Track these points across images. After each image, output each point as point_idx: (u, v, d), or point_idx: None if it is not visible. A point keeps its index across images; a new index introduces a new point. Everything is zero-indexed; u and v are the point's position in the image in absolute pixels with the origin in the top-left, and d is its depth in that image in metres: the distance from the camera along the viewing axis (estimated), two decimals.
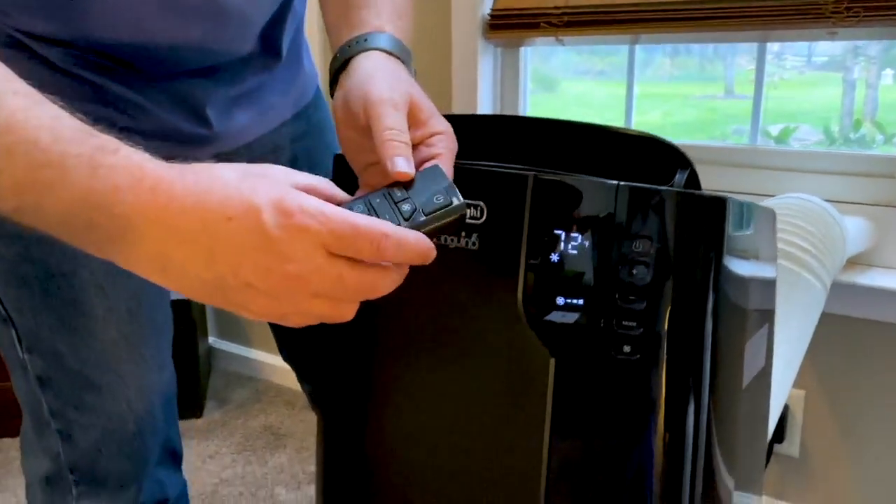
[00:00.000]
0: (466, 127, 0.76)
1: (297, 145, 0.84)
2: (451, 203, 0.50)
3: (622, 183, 0.58)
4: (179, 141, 0.73)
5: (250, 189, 0.44)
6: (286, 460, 1.69)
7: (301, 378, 0.99)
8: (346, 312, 0.47)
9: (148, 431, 0.78)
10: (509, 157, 0.69)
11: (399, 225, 0.48)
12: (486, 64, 1.56)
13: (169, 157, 0.44)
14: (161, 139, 0.72)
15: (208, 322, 2.18)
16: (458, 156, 0.70)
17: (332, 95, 0.63)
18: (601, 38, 1.47)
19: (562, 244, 0.60)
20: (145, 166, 0.43)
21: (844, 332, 1.26)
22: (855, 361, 1.27)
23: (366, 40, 0.61)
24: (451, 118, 0.78)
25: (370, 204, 0.50)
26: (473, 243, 0.63)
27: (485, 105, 1.57)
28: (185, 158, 0.44)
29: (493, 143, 0.72)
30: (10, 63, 0.44)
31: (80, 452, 0.76)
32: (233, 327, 2.16)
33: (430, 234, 0.49)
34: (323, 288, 0.45)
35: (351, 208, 0.48)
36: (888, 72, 1.40)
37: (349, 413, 0.77)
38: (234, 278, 0.43)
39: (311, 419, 1.81)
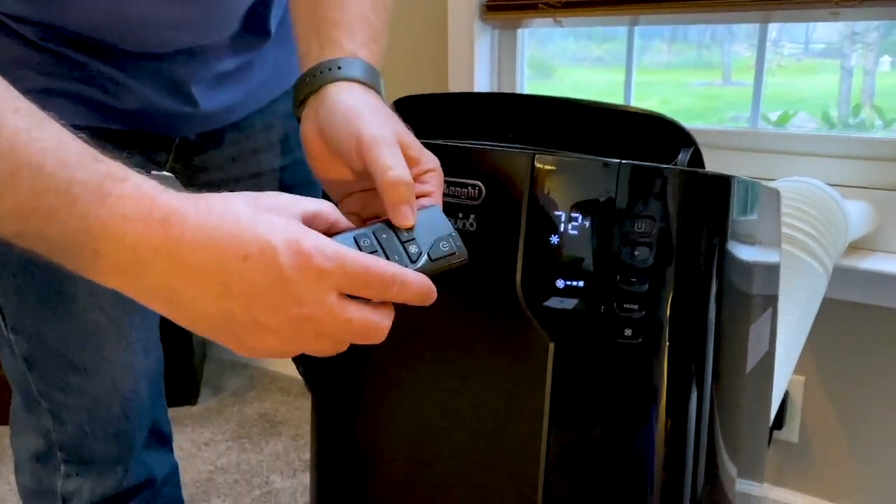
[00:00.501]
0: (465, 105, 0.75)
1: (290, 123, 0.83)
2: (455, 252, 0.52)
3: (624, 161, 0.56)
4: (165, 120, 0.71)
5: (267, 227, 0.43)
6: (281, 447, 1.68)
7: (296, 360, 0.98)
8: (343, 349, 0.48)
9: (134, 414, 0.78)
10: (508, 135, 0.68)
11: (406, 266, 0.49)
12: (482, 46, 1.54)
13: (155, 139, 0.42)
14: (145, 118, 0.70)
15: None
16: (457, 134, 0.68)
17: (297, 116, 0.61)
18: (600, 19, 1.45)
19: (562, 225, 0.58)
20: (156, 197, 0.42)
21: (845, 317, 1.24)
22: (855, 347, 1.26)
23: (339, 68, 0.58)
24: (449, 96, 0.76)
25: (378, 239, 0.50)
26: (471, 224, 0.62)
27: (481, 88, 1.55)
28: (172, 137, 0.42)
29: (491, 121, 0.70)
30: None
31: (68, 433, 0.76)
32: None
33: (437, 273, 0.51)
34: (330, 330, 0.45)
35: (358, 240, 0.49)
36: (886, 59, 1.39)
37: (344, 397, 0.75)
38: (244, 314, 0.43)
39: (306, 406, 1.80)
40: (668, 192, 0.56)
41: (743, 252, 0.61)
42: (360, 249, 0.48)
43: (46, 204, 0.40)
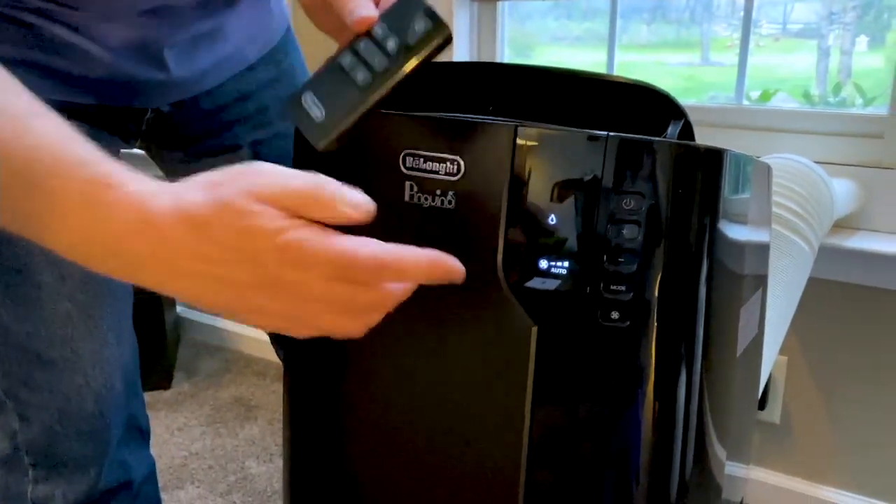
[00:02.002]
0: (442, 75, 0.71)
1: (266, 92, 0.79)
2: (433, 28, 0.51)
3: (611, 134, 0.53)
4: (136, 88, 0.67)
5: (250, 219, 0.42)
6: (257, 432, 1.65)
7: (275, 341, 0.94)
8: (351, 328, 0.47)
9: (109, 410, 0.73)
10: (489, 107, 0.64)
11: (389, 65, 0.51)
12: (461, 21, 1.49)
13: (125, 113, 0.40)
14: (115, 88, 0.66)
15: None
16: (435, 106, 0.64)
17: None
18: None
19: (545, 202, 0.55)
20: (149, 196, 0.42)
21: (828, 296, 1.23)
22: (838, 327, 1.24)
23: None
24: (432, 66, 0.73)
25: (356, 52, 0.51)
26: (449, 202, 0.58)
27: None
28: (143, 108, 0.41)
29: (471, 92, 0.67)
30: None
31: (36, 433, 0.70)
32: None
33: (423, 63, 0.51)
34: (332, 307, 0.45)
35: (340, 62, 0.51)
36: (862, 38, 1.38)
37: (320, 379, 0.72)
38: (242, 306, 0.44)
39: (282, 390, 1.76)
40: (658, 166, 0.53)
41: (734, 230, 0.59)
42: (344, 70, 0.51)
43: (37, 210, 0.41)
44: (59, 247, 0.42)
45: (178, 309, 2.13)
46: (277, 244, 0.42)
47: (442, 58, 0.53)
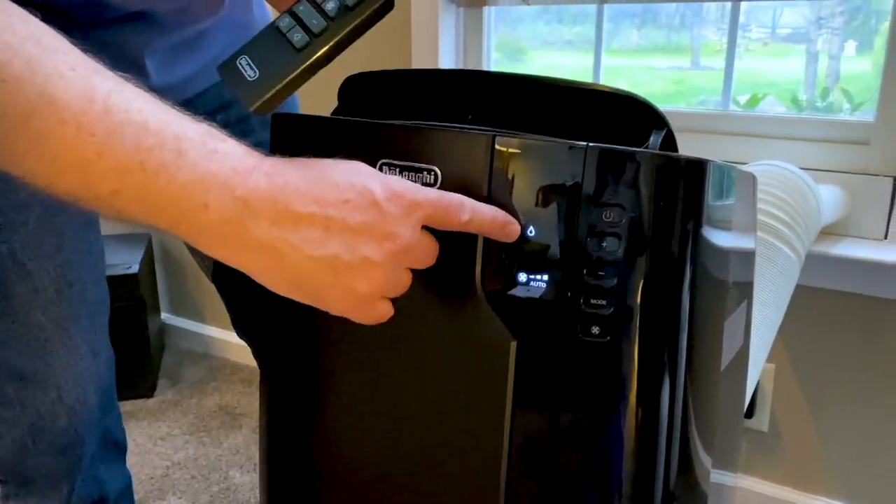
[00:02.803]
0: (421, 83, 0.70)
1: None
2: None
3: (591, 144, 0.51)
4: None
5: (356, 173, 0.47)
6: (241, 441, 1.63)
7: (257, 354, 0.93)
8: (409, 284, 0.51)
9: (82, 425, 0.71)
10: (468, 116, 0.63)
11: (327, 26, 0.50)
12: (447, 26, 1.48)
13: None
14: None
15: (160, 298, 2.09)
16: (412, 114, 0.63)
17: None
18: None
19: (524, 214, 0.53)
20: (256, 153, 0.45)
21: (816, 304, 1.22)
22: (826, 334, 1.24)
23: None
24: (404, 73, 0.71)
25: (294, 14, 0.51)
26: None
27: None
28: None
29: (450, 100, 0.65)
30: None
31: (6, 449, 0.69)
32: (186, 303, 2.08)
33: (363, 27, 0.52)
34: (418, 259, 0.50)
35: (277, 24, 0.51)
36: (850, 43, 1.38)
37: (296, 392, 0.70)
38: (350, 255, 0.45)
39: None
40: (640, 177, 0.51)
41: (718, 241, 0.57)
42: (281, 32, 0.51)
43: (155, 158, 0.41)
44: (176, 191, 0.42)
45: (163, 315, 2.11)
46: (387, 188, 0.47)
47: (426, 64, 0.52)
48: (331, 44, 0.51)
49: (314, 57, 0.51)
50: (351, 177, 0.46)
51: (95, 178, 0.41)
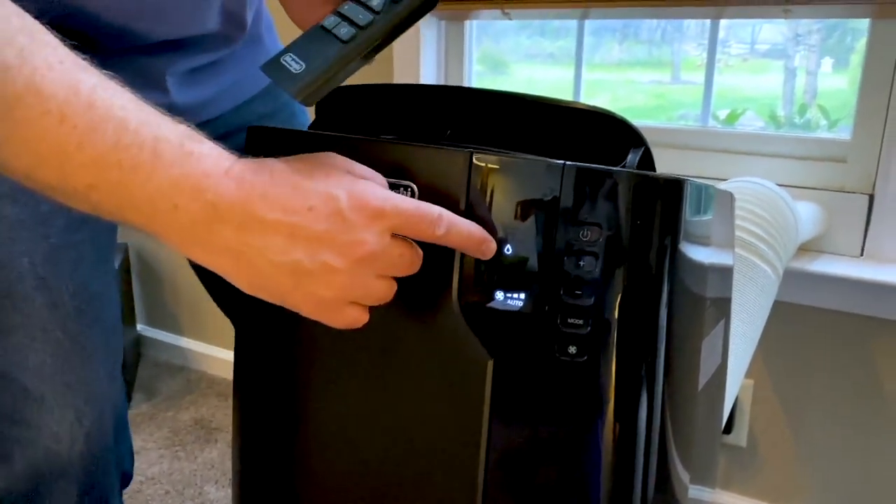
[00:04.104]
0: (399, 98, 0.69)
1: (266, 124, 0.79)
2: None
3: (568, 163, 0.51)
4: None
5: (323, 179, 0.47)
6: (217, 455, 1.60)
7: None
8: (392, 292, 0.51)
9: (99, 452, 0.67)
10: (446, 132, 0.62)
11: (374, 19, 0.51)
12: (429, 39, 1.48)
13: None
14: None
15: (136, 309, 2.06)
16: (390, 130, 0.63)
17: None
18: (548, 12, 1.41)
19: (502, 232, 0.53)
20: (229, 158, 0.46)
21: (794, 320, 1.23)
22: (804, 350, 1.24)
23: None
24: (382, 88, 0.71)
25: (340, 13, 0.52)
26: None
27: (427, 82, 1.49)
28: None
29: (428, 116, 0.65)
30: None
31: (17, 477, 0.64)
32: (162, 315, 2.05)
33: (410, 19, 0.52)
34: (386, 267, 0.49)
35: (322, 24, 0.51)
36: (827, 60, 1.39)
37: (270, 407, 0.69)
38: (312, 261, 0.46)
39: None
40: (617, 196, 0.51)
41: (696, 260, 0.57)
42: (326, 30, 0.51)
43: (133, 157, 0.42)
44: (150, 191, 0.43)
45: (139, 327, 2.08)
46: (352, 195, 0.46)
47: (408, 76, 0.52)
48: (378, 34, 0.52)
49: (360, 46, 0.51)
50: (318, 182, 0.47)
51: (73, 170, 0.42)
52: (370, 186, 0.48)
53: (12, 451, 0.63)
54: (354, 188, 0.47)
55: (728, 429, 1.30)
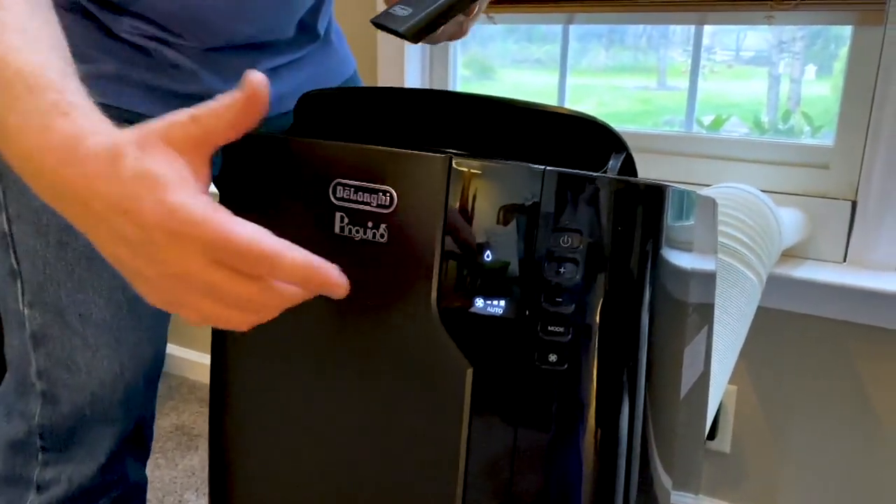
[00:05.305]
0: (379, 102, 0.68)
1: None
2: None
3: (549, 168, 0.50)
4: None
5: (140, 182, 0.43)
6: (198, 462, 1.59)
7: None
8: (234, 320, 0.46)
9: (133, 403, 0.75)
10: (430, 136, 0.62)
11: (422, 11, 0.57)
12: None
13: None
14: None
15: None
16: (369, 135, 0.62)
17: None
18: (533, 16, 1.40)
19: (481, 238, 0.52)
20: (98, 125, 0.44)
21: (777, 326, 1.23)
22: (787, 356, 1.24)
23: None
24: (361, 91, 0.70)
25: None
26: (381, 235, 0.55)
27: (412, 86, 1.49)
28: None
29: (411, 119, 0.64)
30: (69, 28, 0.47)
31: (61, 416, 0.73)
32: None
33: (454, 10, 0.59)
34: (203, 291, 0.44)
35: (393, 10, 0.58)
36: (811, 67, 1.40)
37: (246, 416, 0.68)
38: (131, 262, 0.44)
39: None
40: (598, 202, 0.50)
41: (678, 267, 0.57)
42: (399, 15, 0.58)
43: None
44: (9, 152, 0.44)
45: None
46: (164, 208, 0.42)
47: (392, 79, 0.52)
48: None
49: None
50: (137, 186, 0.42)
51: None
52: (191, 203, 0.42)
53: (61, 394, 0.72)
54: (173, 204, 0.42)
55: (712, 435, 1.30)
